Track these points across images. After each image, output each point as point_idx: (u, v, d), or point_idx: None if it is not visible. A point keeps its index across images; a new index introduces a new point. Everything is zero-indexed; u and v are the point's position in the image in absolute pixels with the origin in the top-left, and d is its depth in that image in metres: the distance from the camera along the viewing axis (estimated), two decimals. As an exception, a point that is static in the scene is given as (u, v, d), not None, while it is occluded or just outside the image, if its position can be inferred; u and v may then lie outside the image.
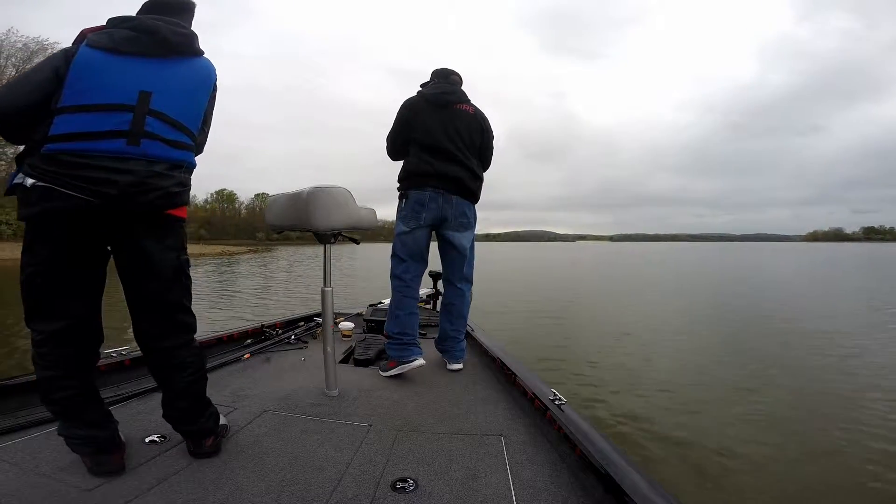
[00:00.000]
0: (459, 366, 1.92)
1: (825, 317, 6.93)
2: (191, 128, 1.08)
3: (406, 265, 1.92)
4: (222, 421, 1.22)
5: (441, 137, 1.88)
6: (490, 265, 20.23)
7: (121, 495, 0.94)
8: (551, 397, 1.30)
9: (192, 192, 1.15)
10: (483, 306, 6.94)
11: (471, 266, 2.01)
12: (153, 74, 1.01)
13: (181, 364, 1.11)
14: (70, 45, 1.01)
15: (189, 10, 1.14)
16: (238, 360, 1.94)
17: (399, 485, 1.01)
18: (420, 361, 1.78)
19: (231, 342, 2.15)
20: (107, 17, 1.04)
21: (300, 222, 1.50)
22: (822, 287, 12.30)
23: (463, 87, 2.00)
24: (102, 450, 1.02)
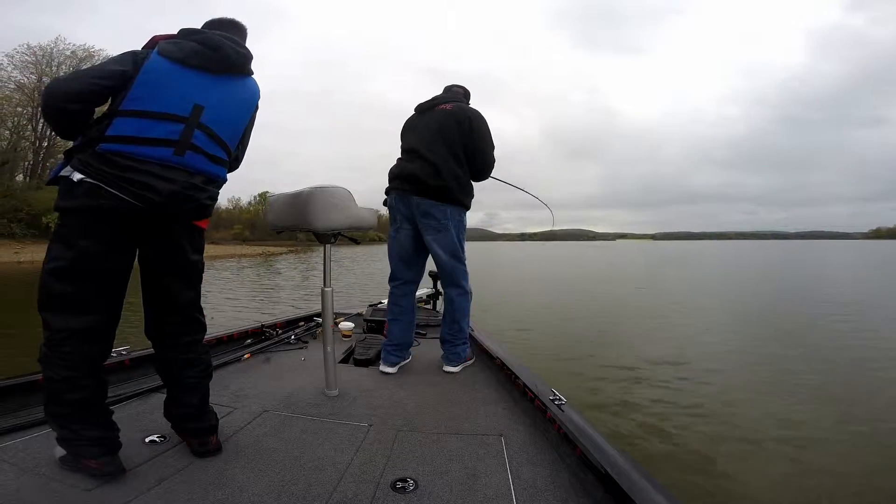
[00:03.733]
0: (454, 369, 1.89)
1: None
2: (230, 145, 1.14)
3: (392, 273, 1.97)
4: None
5: (411, 138, 1.91)
6: (503, 268, 19.37)
7: (121, 495, 0.94)
8: (551, 397, 1.30)
9: (237, 196, 1.21)
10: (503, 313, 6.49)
11: (457, 271, 1.91)
12: (208, 89, 1.07)
13: (195, 360, 1.16)
14: (139, 48, 1.07)
15: (245, 34, 1.21)
16: (238, 360, 1.94)
17: (399, 485, 1.01)
18: (386, 369, 1.85)
19: (231, 342, 2.15)
20: (150, 32, 1.12)
21: (300, 222, 1.50)
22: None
23: (473, 94, 2.05)
24: (109, 450, 1.02)
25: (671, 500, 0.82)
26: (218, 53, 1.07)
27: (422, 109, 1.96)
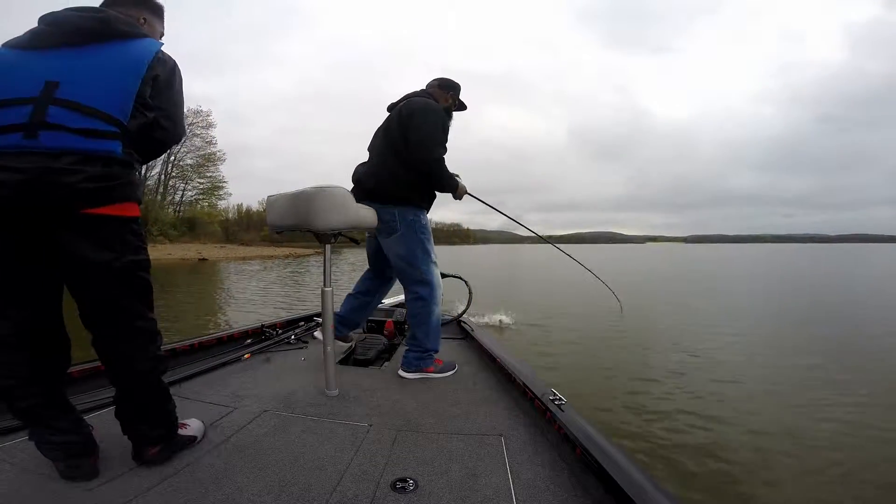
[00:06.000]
0: (408, 375, 1.80)
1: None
2: (112, 113, 0.96)
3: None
4: (191, 432, 1.18)
5: (372, 140, 1.93)
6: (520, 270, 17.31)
7: (121, 495, 0.94)
8: (551, 397, 1.30)
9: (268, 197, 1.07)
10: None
11: (407, 275, 1.83)
12: (64, 64, 0.96)
13: (131, 370, 1.05)
14: None
15: (142, 3, 1.14)
16: (238, 360, 1.94)
17: (399, 485, 1.01)
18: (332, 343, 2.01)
19: (231, 342, 2.15)
20: (171, 36, 1.08)
21: (300, 222, 1.50)
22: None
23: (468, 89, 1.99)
24: (75, 454, 1.00)
25: (671, 499, 0.82)
26: (62, 27, 0.98)
27: (389, 108, 1.91)
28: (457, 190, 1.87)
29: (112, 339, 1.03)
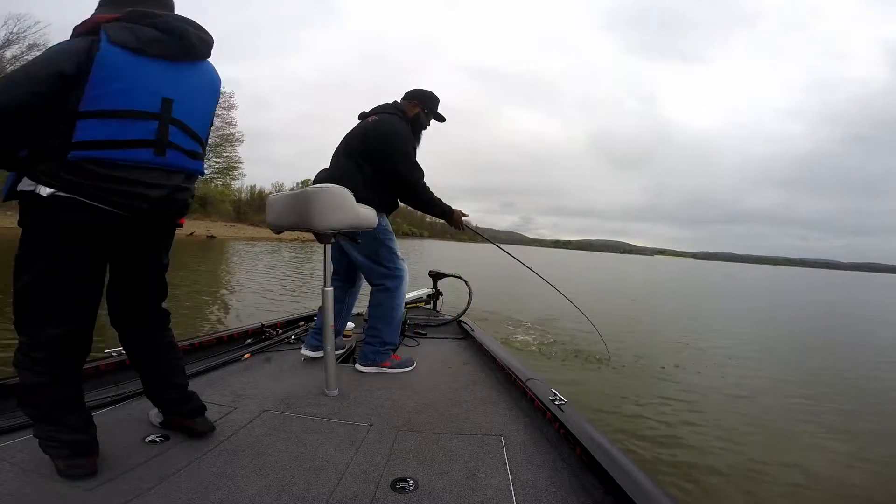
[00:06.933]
0: (362, 368, 1.84)
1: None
2: (202, 137, 1.07)
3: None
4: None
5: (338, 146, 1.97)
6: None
7: (121, 495, 0.94)
8: (551, 397, 1.30)
9: (280, 181, 1.18)
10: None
11: (374, 273, 1.89)
12: (173, 80, 0.98)
13: (171, 343, 1.19)
14: (73, 35, 0.94)
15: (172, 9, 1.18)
16: (238, 360, 1.94)
17: (399, 485, 1.01)
18: (308, 353, 1.96)
19: (231, 342, 2.14)
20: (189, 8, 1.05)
21: (300, 222, 1.50)
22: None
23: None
24: (79, 453, 1.00)
25: (671, 499, 0.82)
26: (181, 41, 0.98)
27: (360, 117, 1.98)
28: (451, 217, 1.97)
29: (151, 324, 1.16)
